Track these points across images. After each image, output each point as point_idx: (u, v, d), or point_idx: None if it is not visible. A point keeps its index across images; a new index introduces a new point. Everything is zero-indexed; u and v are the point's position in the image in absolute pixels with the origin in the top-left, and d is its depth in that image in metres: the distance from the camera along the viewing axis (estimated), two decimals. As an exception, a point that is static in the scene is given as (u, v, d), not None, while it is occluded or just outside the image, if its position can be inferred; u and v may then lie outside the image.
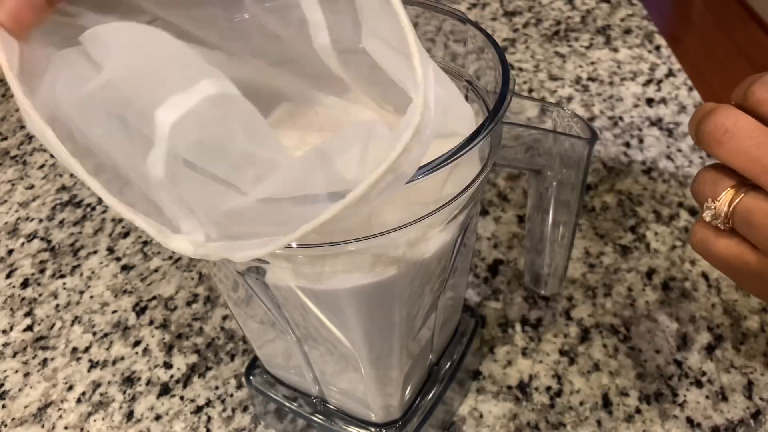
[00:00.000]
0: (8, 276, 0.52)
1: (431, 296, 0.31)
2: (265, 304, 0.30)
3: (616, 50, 0.70)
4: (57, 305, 0.49)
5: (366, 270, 0.26)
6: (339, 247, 0.23)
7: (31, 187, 0.60)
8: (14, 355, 0.46)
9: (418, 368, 0.36)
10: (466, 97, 0.30)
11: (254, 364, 0.40)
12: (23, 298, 0.50)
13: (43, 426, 0.42)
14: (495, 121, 0.24)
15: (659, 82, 0.65)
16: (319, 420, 0.37)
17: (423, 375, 0.38)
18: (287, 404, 0.38)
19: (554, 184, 0.31)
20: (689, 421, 0.40)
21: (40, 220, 0.57)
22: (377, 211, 0.23)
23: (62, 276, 0.52)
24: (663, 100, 0.63)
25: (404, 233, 0.24)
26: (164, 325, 0.47)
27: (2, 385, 0.45)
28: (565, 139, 0.28)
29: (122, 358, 0.45)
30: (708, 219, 0.24)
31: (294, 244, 0.23)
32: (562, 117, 0.28)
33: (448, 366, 0.39)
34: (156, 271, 0.51)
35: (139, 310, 0.48)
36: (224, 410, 0.42)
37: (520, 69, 0.68)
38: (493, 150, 0.27)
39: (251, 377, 0.40)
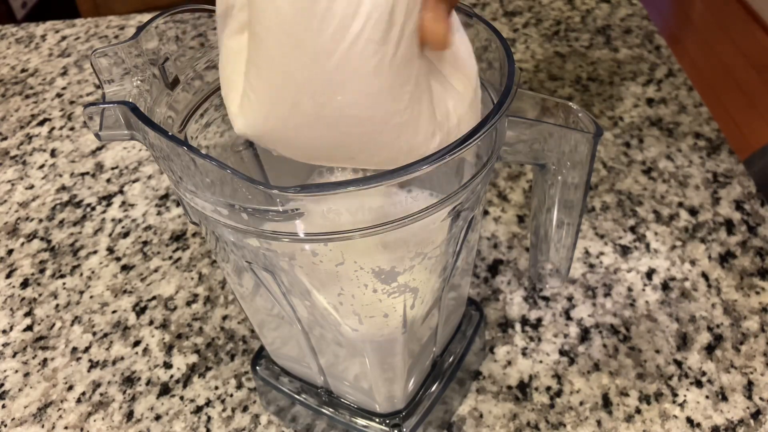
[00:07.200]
0: (8, 276, 0.52)
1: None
2: (272, 292, 0.30)
3: (616, 50, 0.70)
4: (57, 305, 0.49)
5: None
6: (345, 235, 0.23)
7: (31, 187, 0.60)
8: (14, 355, 0.46)
9: (421, 360, 0.36)
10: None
11: (260, 354, 0.41)
12: (23, 298, 0.50)
13: (43, 426, 0.42)
14: (500, 113, 0.24)
15: (659, 82, 0.65)
16: (323, 410, 0.38)
17: (427, 368, 0.38)
18: (292, 394, 0.38)
19: (559, 179, 0.31)
20: (689, 421, 0.40)
21: (40, 220, 0.57)
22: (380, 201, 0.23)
23: (62, 276, 0.52)
24: (663, 100, 0.63)
25: (410, 221, 0.24)
26: (164, 325, 0.47)
27: (2, 385, 0.45)
28: (570, 134, 0.29)
29: (122, 358, 0.45)
30: None
31: (302, 234, 0.23)
32: (566, 112, 0.28)
33: (451, 360, 0.39)
34: (156, 271, 0.51)
35: (139, 310, 0.48)
36: (224, 410, 0.42)
37: (521, 69, 0.68)
38: (498, 143, 0.27)
39: (257, 367, 0.40)
